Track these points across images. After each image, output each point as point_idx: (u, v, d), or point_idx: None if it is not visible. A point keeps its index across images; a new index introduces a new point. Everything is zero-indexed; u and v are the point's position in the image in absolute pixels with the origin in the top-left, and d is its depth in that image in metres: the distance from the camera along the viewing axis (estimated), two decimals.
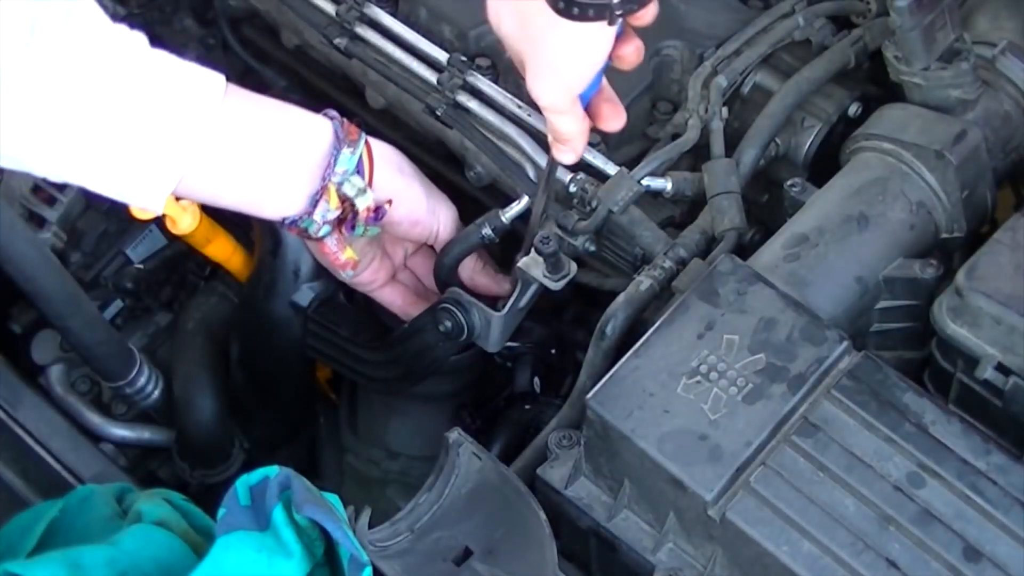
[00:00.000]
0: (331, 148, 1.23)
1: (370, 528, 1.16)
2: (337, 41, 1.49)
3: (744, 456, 1.12)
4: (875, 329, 1.28)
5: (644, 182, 1.35)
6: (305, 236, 1.27)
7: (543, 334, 1.49)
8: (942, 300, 1.20)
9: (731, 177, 1.35)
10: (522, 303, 1.32)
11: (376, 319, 1.45)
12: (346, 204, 1.24)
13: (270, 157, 1.21)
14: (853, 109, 1.41)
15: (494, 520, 1.17)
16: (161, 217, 1.43)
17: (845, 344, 1.17)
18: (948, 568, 1.07)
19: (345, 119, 1.26)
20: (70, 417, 1.53)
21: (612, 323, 1.26)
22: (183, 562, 1.17)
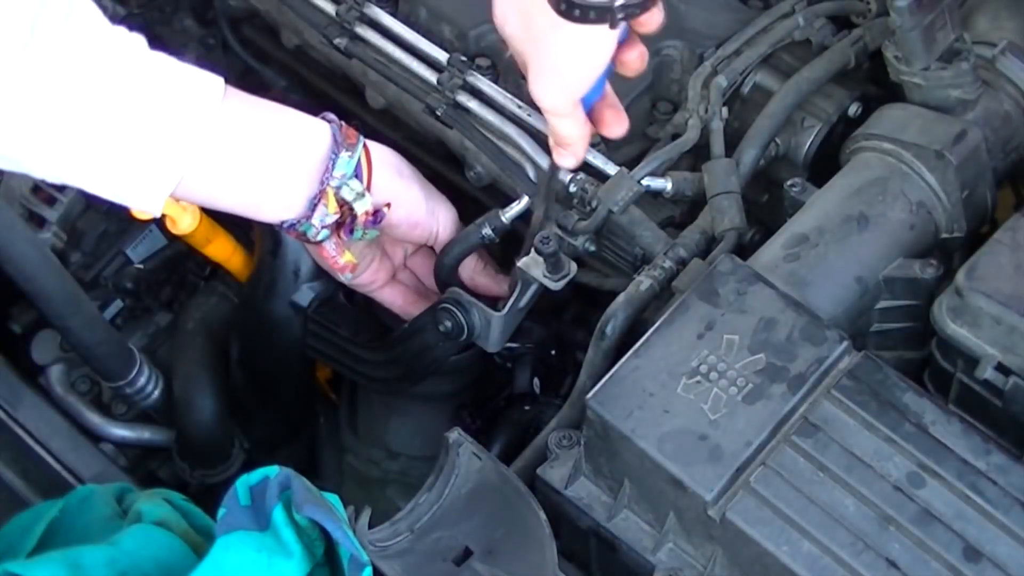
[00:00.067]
0: (329, 152, 1.23)
1: (370, 528, 1.16)
2: (337, 41, 1.49)
3: (744, 456, 1.12)
4: (875, 329, 1.28)
5: (644, 182, 1.35)
6: (304, 240, 1.27)
7: (543, 335, 1.48)
8: (942, 300, 1.20)
9: (731, 177, 1.35)
10: (522, 303, 1.32)
11: (376, 319, 1.45)
12: (344, 208, 1.24)
13: (268, 160, 1.21)
14: (853, 109, 1.41)
15: (494, 520, 1.17)
16: (161, 217, 1.43)
17: (845, 344, 1.17)
18: (948, 568, 1.07)
19: (344, 122, 1.26)
20: (70, 417, 1.53)
21: (612, 323, 1.26)
22: (183, 562, 1.17)
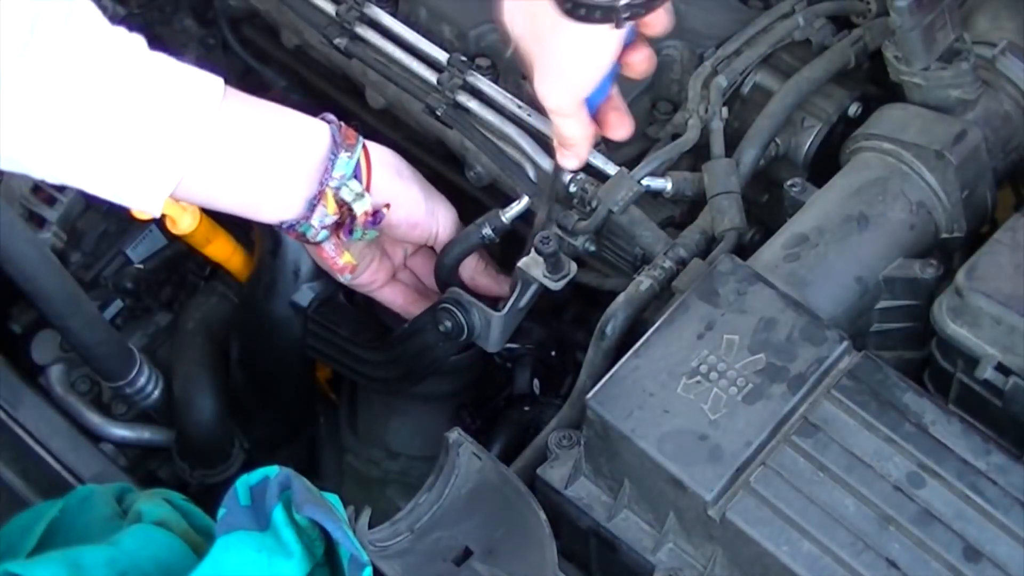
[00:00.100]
0: (328, 152, 1.23)
1: (370, 528, 1.16)
2: (337, 41, 1.49)
3: (744, 456, 1.12)
4: (875, 329, 1.28)
5: (644, 182, 1.35)
6: (303, 240, 1.27)
7: (543, 335, 1.48)
8: (942, 300, 1.20)
9: (731, 177, 1.35)
10: (522, 303, 1.32)
11: (376, 319, 1.45)
12: (344, 209, 1.24)
13: (268, 161, 1.21)
14: (853, 109, 1.41)
15: (494, 520, 1.17)
16: (161, 217, 1.43)
17: (845, 344, 1.17)
18: (948, 568, 1.07)
19: (343, 123, 1.26)
20: (70, 417, 1.53)
21: (612, 323, 1.26)
22: (183, 562, 1.17)
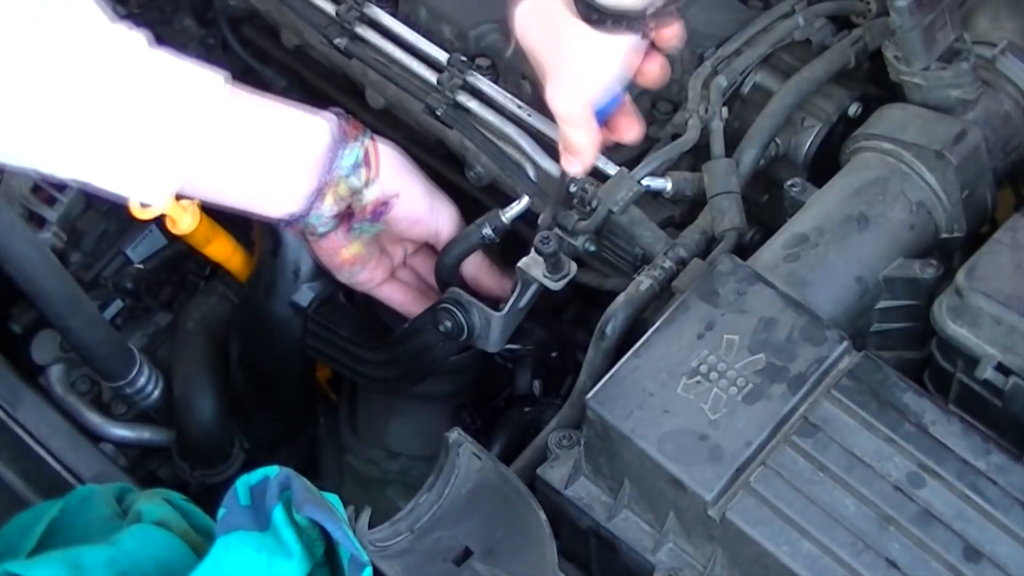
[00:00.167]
0: (333, 144, 1.23)
1: (370, 528, 1.16)
2: (337, 41, 1.49)
3: (744, 456, 1.12)
4: (875, 329, 1.28)
5: (644, 182, 1.35)
6: (310, 233, 1.27)
7: (544, 336, 1.48)
8: (942, 300, 1.20)
9: (731, 177, 1.35)
10: (522, 303, 1.32)
11: (376, 319, 1.45)
12: (351, 198, 1.24)
13: (273, 154, 1.22)
14: (853, 109, 1.41)
15: (494, 520, 1.17)
16: (161, 217, 1.43)
17: (845, 344, 1.17)
18: (948, 568, 1.07)
19: (350, 116, 1.26)
20: (70, 417, 1.53)
21: (612, 323, 1.26)
22: (183, 562, 1.17)
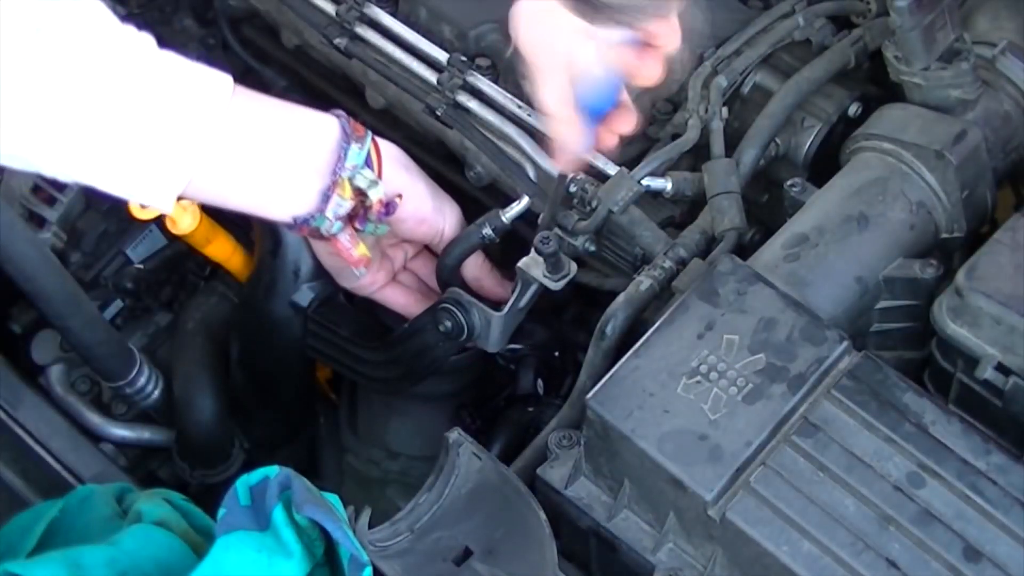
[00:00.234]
0: (340, 143, 1.23)
1: (370, 528, 1.16)
2: (337, 41, 1.49)
3: (744, 456, 1.12)
4: (875, 329, 1.28)
5: (644, 182, 1.35)
6: (317, 235, 1.26)
7: (546, 336, 1.48)
8: (942, 300, 1.20)
9: (731, 177, 1.35)
10: (522, 303, 1.32)
11: (376, 319, 1.45)
12: (358, 197, 1.24)
13: (279, 156, 1.21)
14: (853, 109, 1.41)
15: (494, 520, 1.17)
16: (161, 217, 1.43)
17: (845, 344, 1.17)
18: (948, 568, 1.07)
19: (351, 117, 1.26)
20: (70, 417, 1.53)
21: (612, 323, 1.26)
22: (183, 562, 1.17)
